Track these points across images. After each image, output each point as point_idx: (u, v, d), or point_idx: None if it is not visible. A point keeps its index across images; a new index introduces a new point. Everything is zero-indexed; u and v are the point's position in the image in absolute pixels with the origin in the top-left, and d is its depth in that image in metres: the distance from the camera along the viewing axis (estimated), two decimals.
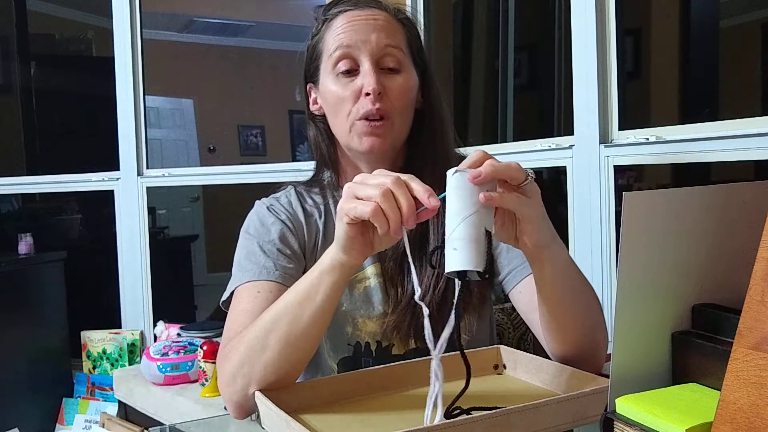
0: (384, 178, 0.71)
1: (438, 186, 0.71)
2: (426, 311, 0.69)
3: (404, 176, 0.71)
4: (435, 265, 0.70)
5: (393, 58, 0.97)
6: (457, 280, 0.68)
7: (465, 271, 0.67)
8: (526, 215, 0.72)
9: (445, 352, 0.69)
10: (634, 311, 0.60)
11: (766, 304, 0.49)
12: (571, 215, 1.95)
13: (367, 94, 0.95)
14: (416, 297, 0.71)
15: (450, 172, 0.68)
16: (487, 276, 0.67)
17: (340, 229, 0.74)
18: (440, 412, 0.68)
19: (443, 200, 0.69)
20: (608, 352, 0.93)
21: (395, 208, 0.69)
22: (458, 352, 0.79)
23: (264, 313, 0.84)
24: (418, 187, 0.69)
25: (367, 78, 0.95)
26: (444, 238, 0.68)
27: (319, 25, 1.03)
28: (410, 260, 0.72)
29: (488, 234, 0.67)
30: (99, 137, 3.33)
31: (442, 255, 0.68)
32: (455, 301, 0.68)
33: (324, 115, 1.04)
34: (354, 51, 0.97)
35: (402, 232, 0.71)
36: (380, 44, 0.97)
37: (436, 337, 0.69)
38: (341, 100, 0.97)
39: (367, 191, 0.70)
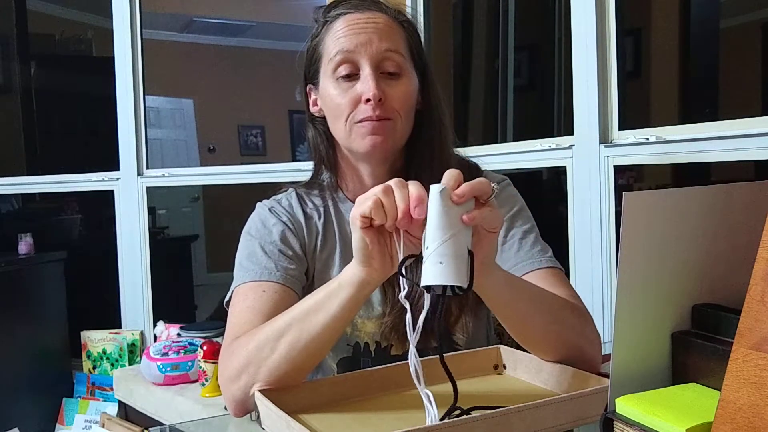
0: (390, 182, 0.73)
1: None
2: (408, 309, 0.70)
3: (409, 182, 0.73)
4: (404, 274, 0.72)
5: (393, 63, 0.97)
6: (427, 293, 0.70)
7: (445, 285, 0.69)
8: (494, 227, 0.73)
9: (443, 353, 0.69)
10: (634, 311, 0.60)
11: (766, 304, 0.49)
12: (571, 215, 1.95)
13: (368, 101, 0.95)
14: (401, 296, 0.71)
15: (436, 188, 0.70)
16: (464, 292, 0.69)
17: (356, 237, 0.75)
18: (435, 411, 0.68)
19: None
20: (607, 352, 0.92)
21: (393, 205, 0.71)
22: (458, 353, 0.79)
23: (278, 316, 0.85)
24: (412, 192, 0.71)
25: (367, 84, 0.95)
26: (422, 250, 0.70)
27: (319, 27, 1.02)
28: (400, 259, 0.73)
29: (470, 252, 0.69)
30: (99, 137, 3.33)
31: (419, 265, 0.70)
32: (426, 311, 0.70)
33: (324, 117, 1.04)
34: (354, 55, 0.96)
35: (399, 230, 0.72)
36: (380, 48, 0.96)
37: (426, 332, 0.71)
38: (341, 104, 0.97)
39: (372, 190, 0.73)
